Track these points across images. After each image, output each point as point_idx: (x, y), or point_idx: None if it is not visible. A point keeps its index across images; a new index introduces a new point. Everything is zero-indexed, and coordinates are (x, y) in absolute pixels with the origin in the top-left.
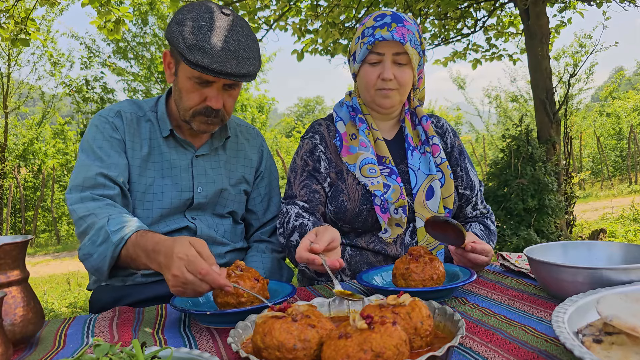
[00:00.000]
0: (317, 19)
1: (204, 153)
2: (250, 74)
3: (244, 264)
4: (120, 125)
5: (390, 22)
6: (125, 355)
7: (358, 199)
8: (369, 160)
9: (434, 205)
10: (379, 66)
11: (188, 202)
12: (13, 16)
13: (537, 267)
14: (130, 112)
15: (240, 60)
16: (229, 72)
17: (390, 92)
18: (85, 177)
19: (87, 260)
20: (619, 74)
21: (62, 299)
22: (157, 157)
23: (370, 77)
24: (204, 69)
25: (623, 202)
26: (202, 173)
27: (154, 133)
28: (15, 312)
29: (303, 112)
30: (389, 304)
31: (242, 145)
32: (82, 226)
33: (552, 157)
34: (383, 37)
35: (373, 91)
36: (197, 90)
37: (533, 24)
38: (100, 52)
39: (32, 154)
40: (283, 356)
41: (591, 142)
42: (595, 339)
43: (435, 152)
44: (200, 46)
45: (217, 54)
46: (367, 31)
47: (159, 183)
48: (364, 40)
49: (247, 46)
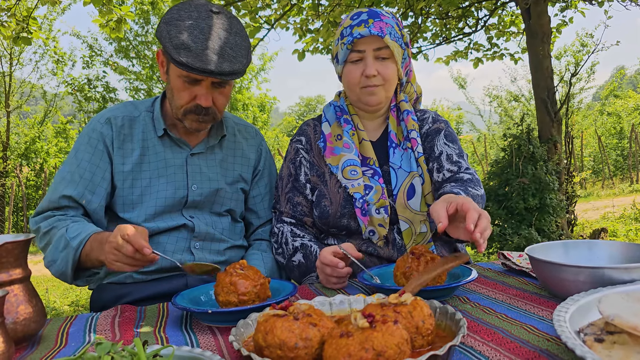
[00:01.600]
0: (319, 18)
1: (199, 151)
2: (236, 72)
3: (246, 262)
4: (108, 133)
5: (367, 19)
6: (126, 354)
7: (339, 202)
8: (351, 162)
9: (416, 204)
10: (361, 64)
11: (183, 200)
12: (15, 15)
13: (538, 266)
14: (122, 116)
15: (225, 59)
16: (213, 70)
17: (375, 88)
18: (50, 200)
19: (51, 266)
20: (620, 73)
21: (64, 298)
22: (152, 157)
23: (354, 76)
24: (188, 67)
25: (624, 202)
26: (197, 171)
27: (149, 133)
28: (17, 310)
29: (304, 112)
30: (391, 302)
31: (239, 144)
32: (45, 239)
33: (554, 156)
34: (361, 34)
35: (358, 89)
36: (187, 88)
37: (534, 23)
38: (102, 51)
39: (34, 153)
40: (285, 355)
41: (592, 142)
42: (596, 338)
43: (414, 146)
44: (186, 45)
45: (202, 53)
46: (345, 31)
47: (155, 183)
48: (344, 41)
49: (233, 44)
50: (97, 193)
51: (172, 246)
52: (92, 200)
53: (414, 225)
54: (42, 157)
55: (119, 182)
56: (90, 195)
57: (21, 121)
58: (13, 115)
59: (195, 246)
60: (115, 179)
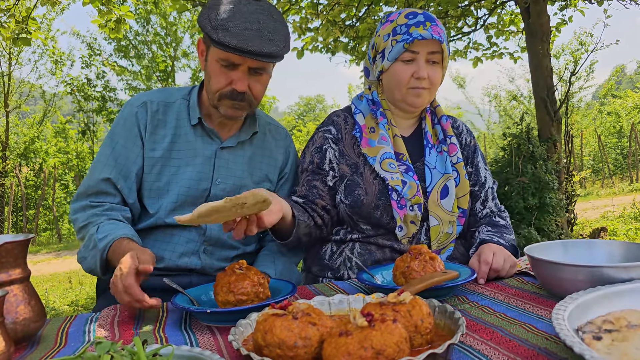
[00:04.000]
0: (318, 17)
1: (229, 145)
2: (274, 54)
3: (245, 262)
4: (142, 117)
5: (424, 21)
6: (126, 353)
7: (375, 193)
8: (389, 154)
9: (448, 205)
10: (413, 64)
11: (205, 193)
12: (14, 15)
13: (537, 266)
14: (157, 101)
15: (263, 40)
16: (251, 50)
17: (423, 90)
18: (89, 185)
19: (82, 262)
20: (617, 70)
21: (64, 298)
22: (182, 145)
23: (404, 76)
24: (226, 46)
25: (624, 201)
26: (224, 165)
27: (182, 121)
28: (17, 310)
29: (304, 111)
30: (390, 301)
31: (268, 144)
32: (81, 233)
33: (553, 155)
34: (422, 36)
35: (404, 90)
36: (224, 73)
37: (534, 22)
38: (101, 51)
39: (33, 153)
40: (284, 354)
41: (592, 141)
42: (595, 336)
43: (452, 152)
44: (225, 26)
45: (241, 33)
46: (399, 29)
47: (182, 171)
48: (397, 38)
49: (272, 28)
50: (130, 178)
51: (182, 247)
52: (125, 186)
53: (443, 224)
54: (42, 156)
55: (147, 168)
56: (123, 180)
57: (20, 121)
58: (12, 115)
59: (205, 251)
60: (145, 164)
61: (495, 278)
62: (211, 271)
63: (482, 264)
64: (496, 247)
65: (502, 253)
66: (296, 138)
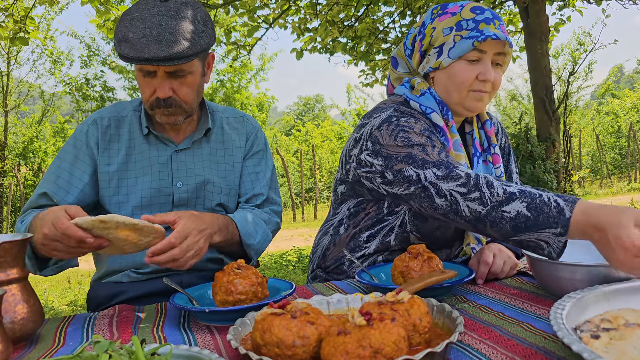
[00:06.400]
0: (317, 17)
1: (184, 147)
2: (175, 56)
3: (244, 261)
4: (93, 134)
5: (492, 18)
6: (124, 352)
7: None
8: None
9: None
10: (479, 65)
11: (169, 198)
12: (12, 15)
13: (535, 265)
14: (109, 116)
15: (162, 44)
16: (147, 57)
17: (485, 94)
18: (30, 201)
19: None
20: (614, 69)
21: (62, 297)
22: (137, 157)
23: (467, 76)
24: (125, 58)
25: (622, 200)
26: (183, 167)
27: (135, 133)
28: (15, 310)
29: (303, 111)
30: (388, 300)
31: (228, 136)
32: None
33: (552, 155)
34: (496, 36)
35: (465, 92)
36: (147, 82)
37: (532, 22)
38: (100, 51)
39: (32, 153)
40: (282, 353)
41: (590, 140)
42: (593, 334)
43: (496, 163)
44: (125, 37)
45: (138, 42)
46: (465, 24)
47: (140, 182)
48: (463, 34)
49: (175, 29)
50: (71, 193)
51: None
52: (65, 199)
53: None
54: (40, 156)
55: (104, 183)
56: (64, 194)
57: (19, 121)
58: (11, 114)
59: None
60: (101, 179)
61: (493, 279)
62: (198, 266)
63: (481, 265)
64: (497, 248)
65: (502, 255)
66: (295, 138)
